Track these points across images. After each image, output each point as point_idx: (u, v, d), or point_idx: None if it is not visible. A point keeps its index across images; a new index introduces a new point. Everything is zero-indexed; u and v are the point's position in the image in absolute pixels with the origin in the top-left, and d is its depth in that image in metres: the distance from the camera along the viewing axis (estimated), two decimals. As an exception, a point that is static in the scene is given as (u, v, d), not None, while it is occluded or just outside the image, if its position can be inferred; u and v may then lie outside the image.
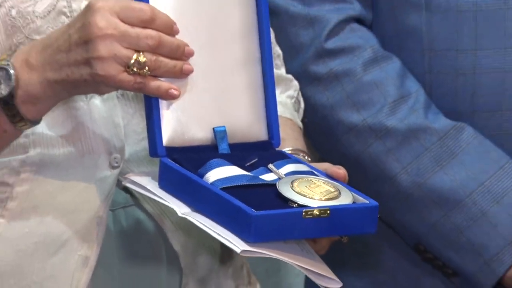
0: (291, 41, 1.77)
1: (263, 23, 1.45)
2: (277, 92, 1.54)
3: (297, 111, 1.65)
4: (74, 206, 1.45)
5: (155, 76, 1.33)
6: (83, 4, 1.39)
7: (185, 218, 1.34)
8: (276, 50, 1.65)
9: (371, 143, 1.72)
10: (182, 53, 1.35)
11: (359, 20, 1.75)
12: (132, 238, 1.49)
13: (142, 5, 1.35)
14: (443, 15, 1.73)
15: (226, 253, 1.59)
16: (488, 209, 1.70)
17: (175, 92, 1.35)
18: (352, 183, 1.42)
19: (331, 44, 1.71)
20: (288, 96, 1.62)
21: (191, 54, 1.36)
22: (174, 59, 1.35)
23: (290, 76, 1.64)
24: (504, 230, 1.71)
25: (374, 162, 1.72)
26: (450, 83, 1.75)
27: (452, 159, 1.72)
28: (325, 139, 1.69)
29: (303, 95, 1.71)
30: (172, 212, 1.37)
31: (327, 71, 1.73)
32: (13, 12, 1.41)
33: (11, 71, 1.34)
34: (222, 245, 1.45)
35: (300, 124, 1.64)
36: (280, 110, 1.51)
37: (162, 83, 1.34)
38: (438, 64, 1.75)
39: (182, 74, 1.35)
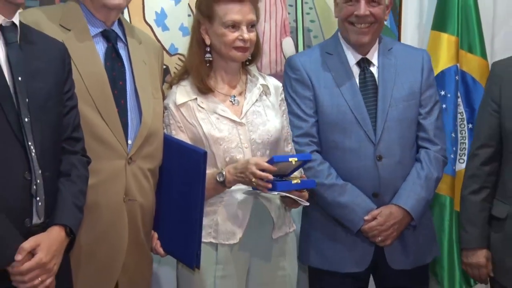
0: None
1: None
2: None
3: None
4: (241, 202, 3.03)
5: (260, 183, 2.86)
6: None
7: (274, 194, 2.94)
8: None
9: (319, 188, 3.20)
10: (267, 178, 2.85)
11: (317, 151, 3.27)
12: (256, 206, 3.06)
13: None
14: (343, 151, 3.28)
15: (283, 208, 3.05)
16: (354, 208, 3.23)
17: (269, 186, 2.87)
18: (314, 198, 3.14)
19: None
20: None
21: (271, 178, 2.85)
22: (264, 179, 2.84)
23: None
24: (360, 214, 3.22)
25: (319, 194, 3.19)
26: (348, 175, 3.26)
27: (344, 193, 3.21)
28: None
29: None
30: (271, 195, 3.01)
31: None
32: (227, 159, 3.02)
33: (224, 173, 2.92)
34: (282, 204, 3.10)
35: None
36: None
37: (262, 184, 2.89)
38: (341, 168, 3.26)
39: (268, 183, 2.86)
